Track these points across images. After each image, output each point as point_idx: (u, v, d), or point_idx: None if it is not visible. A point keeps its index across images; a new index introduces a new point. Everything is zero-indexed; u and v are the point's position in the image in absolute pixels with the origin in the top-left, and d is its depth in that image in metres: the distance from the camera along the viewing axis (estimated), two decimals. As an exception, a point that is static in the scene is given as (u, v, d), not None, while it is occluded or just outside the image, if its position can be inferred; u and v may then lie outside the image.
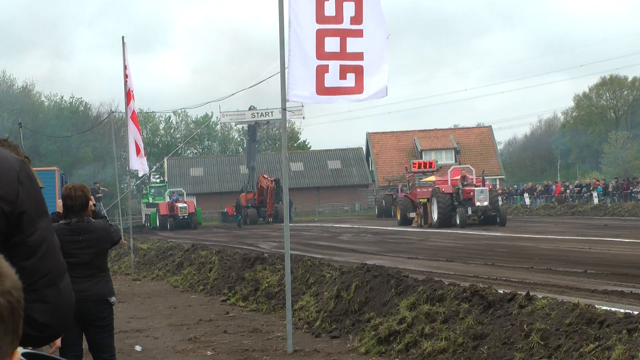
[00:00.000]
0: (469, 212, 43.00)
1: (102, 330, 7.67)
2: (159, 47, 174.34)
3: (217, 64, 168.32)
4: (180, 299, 18.48)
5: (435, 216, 43.94)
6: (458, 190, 43.95)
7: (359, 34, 11.14)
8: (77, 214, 7.50)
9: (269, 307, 15.70)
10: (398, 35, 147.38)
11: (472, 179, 45.41)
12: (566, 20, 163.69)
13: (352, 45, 11.14)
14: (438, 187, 44.59)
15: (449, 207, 43.12)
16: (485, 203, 42.67)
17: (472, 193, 43.17)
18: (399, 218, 50.20)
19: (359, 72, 11.17)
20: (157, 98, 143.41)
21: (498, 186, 74.33)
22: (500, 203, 44.39)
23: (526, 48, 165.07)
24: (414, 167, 53.07)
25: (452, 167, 49.91)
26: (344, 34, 11.13)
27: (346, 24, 11.11)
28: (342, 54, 11.15)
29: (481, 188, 43.34)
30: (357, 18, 11.11)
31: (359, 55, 11.17)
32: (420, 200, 46.98)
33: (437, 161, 55.43)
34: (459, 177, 45.10)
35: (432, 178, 49.87)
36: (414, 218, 47.92)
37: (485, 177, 46.31)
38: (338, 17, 11.09)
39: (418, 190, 48.76)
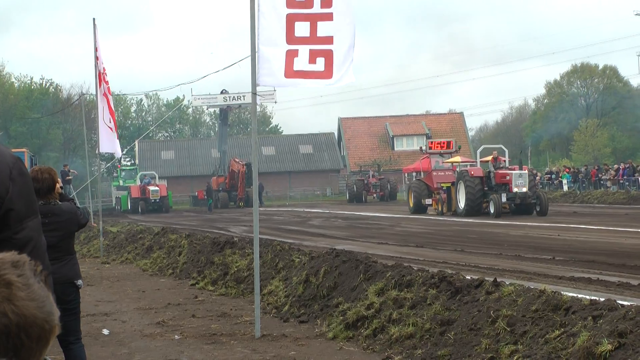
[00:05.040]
0: (504, 199, 36.79)
1: (68, 314, 7.61)
2: (132, 29, 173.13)
3: (191, 46, 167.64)
4: (149, 283, 18.42)
5: (461, 203, 38.42)
6: (489, 173, 38.41)
7: (329, 17, 11.14)
8: (43, 196, 7.48)
9: (238, 292, 15.68)
10: (372, 22, 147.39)
11: (504, 160, 39.94)
12: (539, 7, 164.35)
13: (322, 29, 11.15)
14: (466, 170, 39.15)
15: (479, 192, 37.64)
16: (524, 189, 36.49)
17: (508, 177, 37.10)
18: (411, 205, 44.00)
19: (328, 56, 11.17)
20: (129, 80, 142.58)
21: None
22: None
23: (499, 35, 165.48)
24: (430, 146, 45.82)
25: (481, 147, 44.57)
26: (314, 18, 11.13)
27: (317, 8, 11.11)
28: (312, 39, 11.15)
29: (519, 171, 37.19)
30: (327, 1, 11.10)
31: (328, 39, 11.17)
32: (442, 184, 41.46)
33: (455, 140, 48.09)
34: (489, 159, 39.97)
35: (457, 159, 44.86)
36: (430, 205, 42.35)
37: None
38: (308, 2, 11.09)
39: (434, 173, 43.59)
